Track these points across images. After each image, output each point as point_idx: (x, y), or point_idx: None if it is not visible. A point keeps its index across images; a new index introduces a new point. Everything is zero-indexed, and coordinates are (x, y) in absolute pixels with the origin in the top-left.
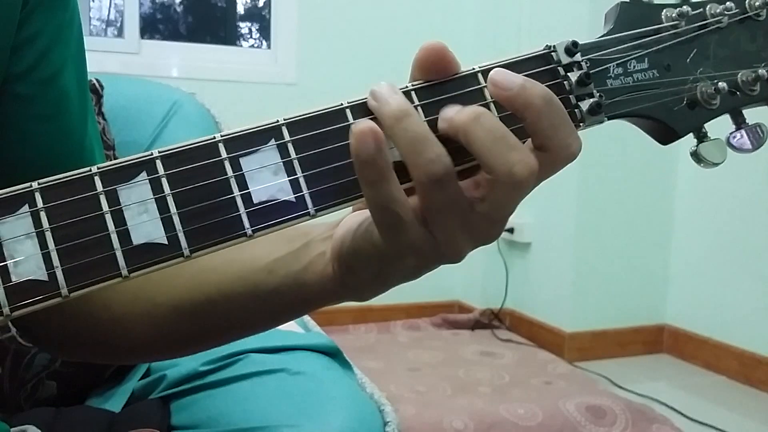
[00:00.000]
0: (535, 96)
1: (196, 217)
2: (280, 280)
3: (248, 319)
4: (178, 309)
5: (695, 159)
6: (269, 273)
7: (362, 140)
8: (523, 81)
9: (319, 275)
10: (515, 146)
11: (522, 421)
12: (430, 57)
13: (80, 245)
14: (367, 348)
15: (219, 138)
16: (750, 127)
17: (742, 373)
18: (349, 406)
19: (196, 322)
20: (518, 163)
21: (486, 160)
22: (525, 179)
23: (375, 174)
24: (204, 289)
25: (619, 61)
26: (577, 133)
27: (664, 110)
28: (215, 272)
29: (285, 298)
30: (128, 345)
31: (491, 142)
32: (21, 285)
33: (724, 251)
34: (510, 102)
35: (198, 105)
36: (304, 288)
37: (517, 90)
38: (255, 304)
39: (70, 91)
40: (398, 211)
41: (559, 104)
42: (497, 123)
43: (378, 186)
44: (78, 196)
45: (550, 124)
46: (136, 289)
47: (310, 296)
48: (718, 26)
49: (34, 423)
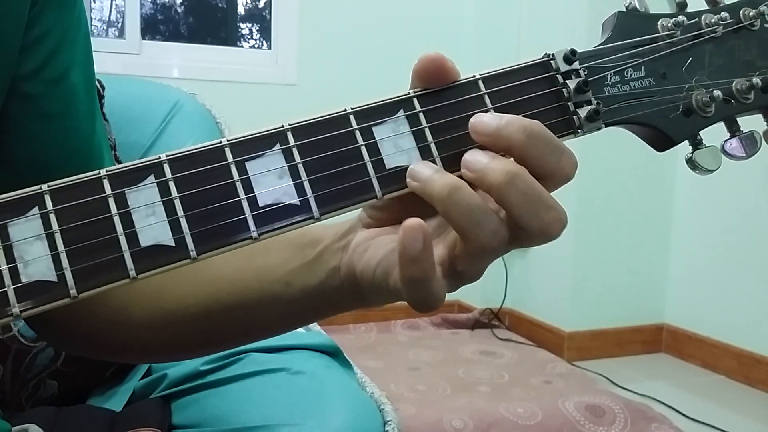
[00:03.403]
0: (514, 132)
1: (203, 219)
2: (297, 293)
3: (262, 326)
4: (193, 315)
5: (690, 166)
6: (286, 285)
7: (412, 236)
8: (497, 123)
9: (335, 290)
10: (550, 206)
11: (521, 420)
12: (428, 67)
13: (89, 247)
14: (367, 347)
15: (225, 142)
16: (744, 135)
17: (740, 373)
18: (349, 405)
19: (209, 327)
20: (552, 223)
21: (522, 221)
22: (556, 234)
23: (420, 272)
24: (220, 297)
25: (616, 70)
26: (568, 154)
27: (660, 118)
28: (229, 281)
29: (301, 309)
30: (140, 346)
31: (528, 205)
32: (30, 286)
33: (723, 251)
34: (492, 145)
35: (199, 105)
36: (322, 301)
37: (494, 132)
38: (273, 314)
39: (78, 90)
40: (434, 302)
41: (542, 132)
42: (532, 183)
43: (422, 284)
44: (87, 198)
45: (538, 154)
46: (150, 294)
47: (325, 308)
48: (713, 36)
49: (35, 422)
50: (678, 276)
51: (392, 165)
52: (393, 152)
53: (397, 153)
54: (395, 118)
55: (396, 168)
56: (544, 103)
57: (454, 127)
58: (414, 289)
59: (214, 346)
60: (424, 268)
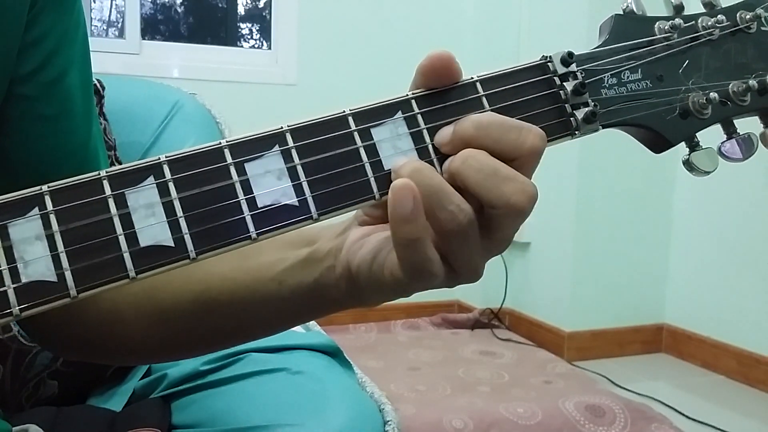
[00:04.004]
0: (466, 129)
1: (202, 220)
2: (290, 292)
3: (255, 325)
4: (186, 313)
5: (687, 167)
6: (280, 283)
7: (402, 195)
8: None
9: (329, 289)
10: (508, 177)
11: (521, 420)
12: (435, 65)
13: (89, 247)
14: (367, 347)
15: (224, 144)
16: (741, 137)
17: (740, 373)
18: (349, 405)
19: (203, 326)
20: (514, 194)
21: (483, 197)
22: (524, 206)
23: (413, 232)
24: (213, 296)
25: (614, 72)
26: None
27: (657, 119)
28: (223, 279)
29: (295, 308)
30: (132, 346)
31: (483, 180)
32: (30, 286)
33: (723, 251)
34: (454, 149)
35: (199, 105)
36: (314, 300)
37: (450, 138)
38: (266, 313)
39: (75, 92)
40: (430, 267)
41: (492, 119)
42: (486, 159)
43: (416, 245)
44: (87, 199)
45: (493, 139)
46: (144, 293)
47: (320, 307)
48: (710, 38)
49: (35, 422)
50: (678, 276)
51: (390, 166)
52: (391, 153)
53: (396, 154)
54: (393, 120)
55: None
56: (542, 104)
57: None
58: (409, 253)
59: (206, 345)
60: (417, 228)
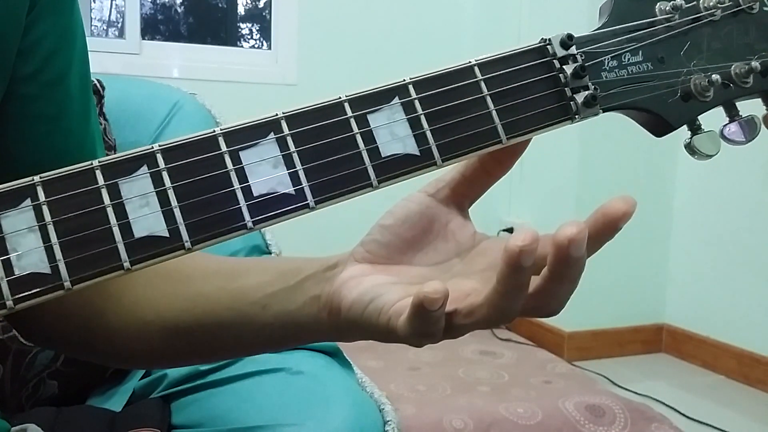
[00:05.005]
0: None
1: (197, 209)
2: (273, 317)
3: (237, 345)
4: (168, 328)
5: (689, 151)
6: (263, 308)
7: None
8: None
9: (312, 318)
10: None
11: (521, 420)
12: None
13: (82, 238)
14: (368, 347)
15: (219, 132)
16: (743, 119)
17: (740, 373)
18: (349, 405)
19: (185, 343)
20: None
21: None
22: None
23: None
24: (196, 314)
25: (614, 54)
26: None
27: (659, 102)
28: (208, 300)
29: (276, 333)
30: (112, 350)
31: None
32: (24, 278)
33: (723, 251)
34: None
35: (199, 105)
36: (296, 327)
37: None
38: (247, 336)
39: (74, 92)
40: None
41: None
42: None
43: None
44: (80, 189)
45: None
46: (130, 303)
47: (301, 334)
48: (712, 19)
49: (35, 422)
50: (678, 276)
51: (388, 153)
52: (388, 140)
53: (393, 141)
54: (390, 106)
55: (391, 156)
56: (541, 88)
57: (449, 114)
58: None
59: (182, 360)
60: (436, 328)
